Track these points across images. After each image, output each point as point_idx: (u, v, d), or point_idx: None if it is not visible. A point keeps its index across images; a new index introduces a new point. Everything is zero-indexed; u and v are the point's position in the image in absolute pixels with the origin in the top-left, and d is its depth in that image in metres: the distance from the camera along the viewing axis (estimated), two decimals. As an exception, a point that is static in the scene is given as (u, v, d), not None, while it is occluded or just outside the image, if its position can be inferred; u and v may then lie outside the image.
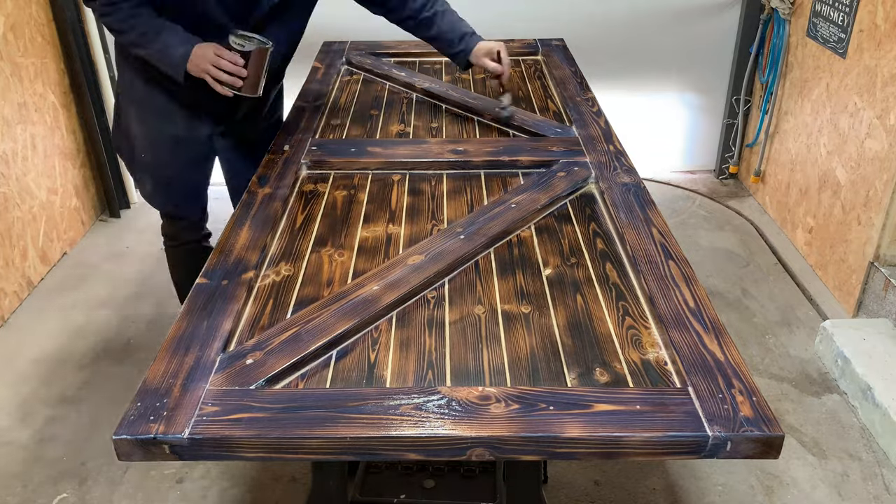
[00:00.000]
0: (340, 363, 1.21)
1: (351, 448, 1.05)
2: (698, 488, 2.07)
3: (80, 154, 3.39)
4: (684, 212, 3.59)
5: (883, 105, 2.57)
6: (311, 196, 1.77)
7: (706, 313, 1.29)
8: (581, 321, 1.31)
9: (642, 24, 3.55)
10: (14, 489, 2.08)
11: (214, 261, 1.46)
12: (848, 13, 2.78)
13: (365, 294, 1.34)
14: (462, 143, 2.01)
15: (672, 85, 3.75)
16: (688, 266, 1.43)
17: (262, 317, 1.33)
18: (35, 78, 3.03)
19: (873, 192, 2.62)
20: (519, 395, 1.11)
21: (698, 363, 1.17)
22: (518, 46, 2.86)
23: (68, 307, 2.89)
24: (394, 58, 2.77)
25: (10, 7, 2.87)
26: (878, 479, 2.11)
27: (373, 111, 2.29)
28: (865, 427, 2.28)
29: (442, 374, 1.18)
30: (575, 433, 1.04)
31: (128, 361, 2.59)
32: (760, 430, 1.04)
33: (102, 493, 2.07)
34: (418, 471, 1.70)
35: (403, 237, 1.59)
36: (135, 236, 3.41)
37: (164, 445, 1.04)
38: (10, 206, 2.84)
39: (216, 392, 1.12)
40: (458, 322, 1.31)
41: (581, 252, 1.52)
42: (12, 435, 2.27)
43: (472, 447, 1.05)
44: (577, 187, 1.77)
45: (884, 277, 2.56)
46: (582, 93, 2.37)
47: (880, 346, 2.42)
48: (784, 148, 3.36)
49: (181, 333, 1.25)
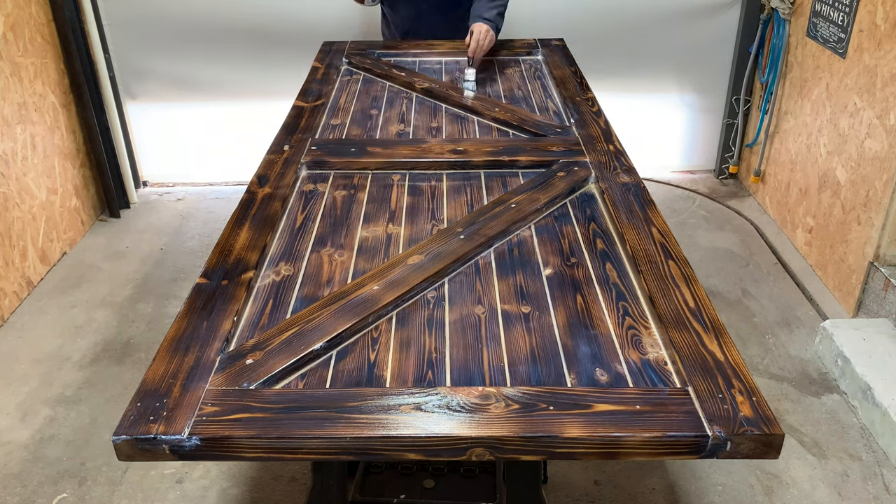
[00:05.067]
0: (340, 363, 1.21)
1: (351, 448, 1.05)
2: (698, 488, 2.07)
3: (79, 154, 3.39)
4: (684, 212, 3.59)
5: (883, 105, 2.57)
6: (311, 196, 1.77)
7: (706, 313, 1.29)
8: (581, 321, 1.31)
9: (642, 24, 3.55)
10: (14, 489, 2.08)
11: (214, 261, 1.46)
12: (848, 13, 2.78)
13: (365, 294, 1.34)
14: (462, 143, 2.01)
15: (672, 85, 3.75)
16: (688, 266, 1.43)
17: (261, 317, 1.33)
18: (35, 78, 3.03)
19: (873, 192, 2.62)
20: (519, 395, 1.11)
21: (698, 363, 1.17)
22: (518, 46, 2.86)
23: (68, 307, 2.89)
24: (394, 58, 2.77)
25: (10, 7, 2.87)
26: (877, 478, 2.11)
27: (373, 111, 2.29)
28: (865, 427, 2.28)
29: (442, 374, 1.18)
30: (575, 433, 1.04)
31: (128, 361, 2.59)
32: (760, 429, 1.04)
33: (102, 493, 2.07)
34: (418, 471, 1.70)
35: (403, 237, 1.59)
36: (135, 236, 3.41)
37: (163, 445, 1.04)
38: (9, 206, 2.84)
39: (216, 392, 1.12)
40: (458, 322, 1.31)
41: (581, 252, 1.52)
42: (12, 435, 2.27)
43: (471, 447, 1.05)
44: (576, 187, 1.77)
45: (884, 277, 2.56)
46: (582, 93, 2.37)
47: (880, 345, 2.42)
48: (784, 148, 3.36)
49: (181, 333, 1.25)
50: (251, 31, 3.53)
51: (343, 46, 2.86)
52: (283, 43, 3.54)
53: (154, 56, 3.60)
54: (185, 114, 3.76)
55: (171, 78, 3.66)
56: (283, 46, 3.55)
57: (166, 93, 3.70)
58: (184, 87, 3.69)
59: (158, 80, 3.67)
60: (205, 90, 3.69)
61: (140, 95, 3.70)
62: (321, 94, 2.38)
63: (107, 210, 3.58)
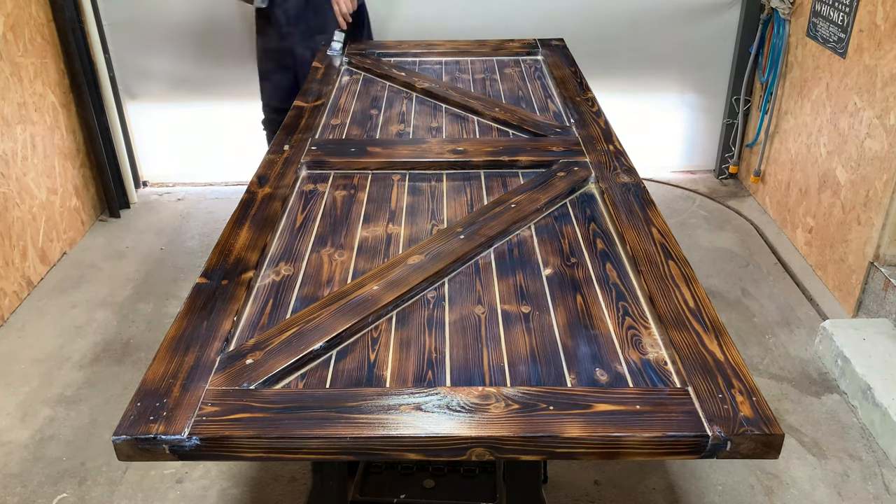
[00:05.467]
0: (340, 363, 1.21)
1: (351, 448, 1.05)
2: (698, 488, 2.07)
3: (79, 154, 3.39)
4: (684, 212, 3.59)
5: (883, 105, 2.57)
6: (311, 196, 1.77)
7: (706, 313, 1.29)
8: (581, 321, 1.31)
9: (642, 24, 3.55)
10: (13, 489, 2.08)
11: (214, 261, 1.46)
12: (848, 13, 2.78)
13: (365, 294, 1.34)
14: (462, 142, 2.01)
15: (672, 85, 3.75)
16: (688, 266, 1.43)
17: (261, 317, 1.33)
18: (35, 78, 3.03)
19: (873, 192, 2.62)
20: (519, 395, 1.11)
21: (698, 363, 1.17)
22: (518, 46, 2.87)
23: (68, 307, 2.89)
24: (394, 58, 2.77)
25: (10, 7, 2.87)
26: (877, 479, 2.11)
27: (373, 111, 2.29)
28: (865, 427, 2.28)
29: (442, 374, 1.18)
30: (575, 433, 1.04)
31: (127, 361, 2.59)
32: (760, 429, 1.04)
33: (102, 493, 2.07)
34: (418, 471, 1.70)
35: (403, 237, 1.59)
36: (135, 236, 3.41)
37: (163, 445, 1.04)
38: (9, 206, 2.84)
39: (216, 392, 1.12)
40: (458, 322, 1.31)
41: (581, 252, 1.52)
42: (12, 435, 2.27)
43: (471, 447, 1.05)
44: (577, 187, 1.77)
45: (884, 277, 2.56)
46: (582, 93, 2.37)
47: (880, 345, 2.42)
48: (784, 148, 3.36)
49: (181, 333, 1.25)
50: (251, 32, 3.53)
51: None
52: (283, 43, 3.54)
53: (154, 56, 3.60)
54: (185, 114, 3.76)
55: (171, 78, 3.67)
56: (283, 46, 3.55)
57: (166, 93, 3.70)
58: (184, 87, 3.69)
59: (158, 80, 3.67)
60: (205, 90, 3.69)
61: (140, 95, 3.70)
62: (321, 94, 2.38)
63: (107, 210, 3.58)
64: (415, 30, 3.50)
